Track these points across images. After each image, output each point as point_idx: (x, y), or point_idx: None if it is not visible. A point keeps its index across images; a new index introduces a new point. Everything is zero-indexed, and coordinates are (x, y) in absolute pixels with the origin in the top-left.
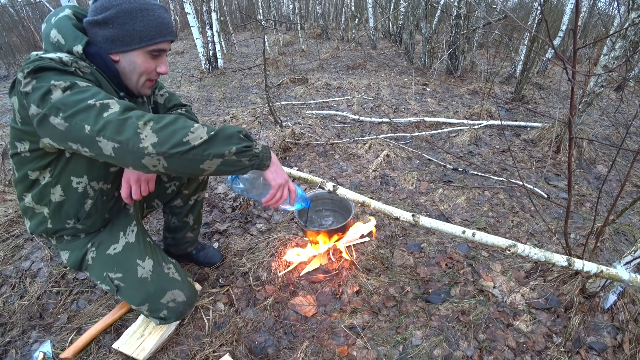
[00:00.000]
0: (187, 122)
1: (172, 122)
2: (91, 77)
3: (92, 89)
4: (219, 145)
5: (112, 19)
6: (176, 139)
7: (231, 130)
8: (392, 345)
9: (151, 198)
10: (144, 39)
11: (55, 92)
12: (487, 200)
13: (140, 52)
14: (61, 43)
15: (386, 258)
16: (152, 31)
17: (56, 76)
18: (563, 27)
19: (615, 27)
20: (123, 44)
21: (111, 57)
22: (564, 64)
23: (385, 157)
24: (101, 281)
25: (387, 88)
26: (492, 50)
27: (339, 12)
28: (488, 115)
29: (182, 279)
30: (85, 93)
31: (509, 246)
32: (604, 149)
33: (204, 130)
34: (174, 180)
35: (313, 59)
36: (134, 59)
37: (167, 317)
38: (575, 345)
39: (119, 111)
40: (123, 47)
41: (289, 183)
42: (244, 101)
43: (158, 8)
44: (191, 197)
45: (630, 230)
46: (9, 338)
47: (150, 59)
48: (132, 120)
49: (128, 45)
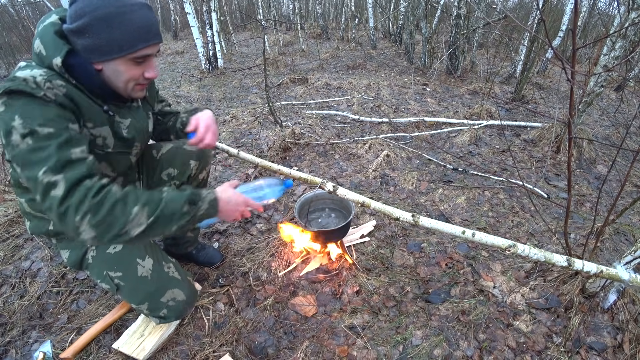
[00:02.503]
0: (127, 207)
1: (110, 212)
2: (65, 99)
3: (49, 143)
4: (159, 228)
5: (86, 27)
6: (114, 232)
7: (174, 207)
8: (392, 345)
9: None
10: (123, 47)
11: (14, 136)
12: (487, 200)
13: (122, 60)
14: (42, 54)
15: (386, 258)
16: (133, 38)
17: (21, 109)
18: (563, 27)
19: (615, 27)
20: (102, 54)
21: (94, 65)
22: (562, 64)
23: (385, 157)
24: (101, 280)
25: (387, 88)
26: (492, 50)
27: (339, 12)
28: (488, 115)
29: (182, 278)
30: (40, 152)
31: (509, 246)
32: (604, 149)
33: (144, 215)
34: (173, 179)
35: (313, 59)
36: (117, 67)
37: (167, 316)
38: (575, 345)
39: (60, 197)
40: (102, 57)
41: (246, 205)
42: (244, 101)
43: (138, 8)
44: None
45: (630, 230)
46: (9, 338)
47: (135, 65)
48: (70, 215)
49: (107, 54)
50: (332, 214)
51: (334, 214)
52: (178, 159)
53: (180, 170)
